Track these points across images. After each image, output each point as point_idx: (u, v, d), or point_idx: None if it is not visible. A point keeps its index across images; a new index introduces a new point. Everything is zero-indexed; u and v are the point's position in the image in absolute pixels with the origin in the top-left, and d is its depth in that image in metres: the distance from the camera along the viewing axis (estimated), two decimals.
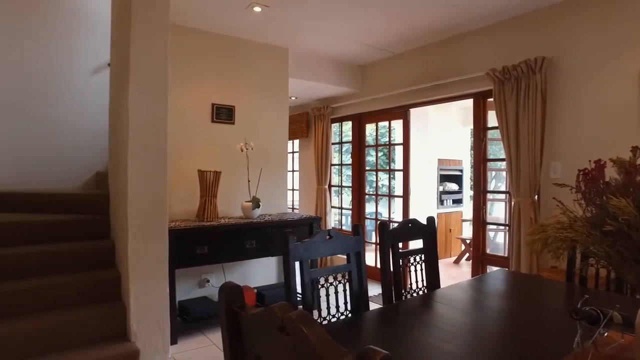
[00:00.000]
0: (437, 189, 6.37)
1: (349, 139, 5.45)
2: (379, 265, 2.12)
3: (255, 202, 3.60)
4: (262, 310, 0.78)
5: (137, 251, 2.53)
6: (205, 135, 3.76)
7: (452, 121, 6.62)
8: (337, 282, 1.89)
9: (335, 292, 1.89)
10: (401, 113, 4.68)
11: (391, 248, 2.09)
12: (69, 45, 4.10)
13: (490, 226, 4.33)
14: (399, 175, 4.90)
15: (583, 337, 1.09)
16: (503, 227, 5.49)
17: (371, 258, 5.10)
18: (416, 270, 2.21)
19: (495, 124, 3.49)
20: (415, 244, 2.33)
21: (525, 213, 3.18)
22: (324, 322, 1.76)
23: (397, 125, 5.02)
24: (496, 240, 6.15)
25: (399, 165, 4.99)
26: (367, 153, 5.36)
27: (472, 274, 3.99)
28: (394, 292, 2.06)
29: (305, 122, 5.84)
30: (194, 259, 3.18)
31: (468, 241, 5.93)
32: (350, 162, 5.44)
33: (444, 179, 6.53)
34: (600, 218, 1.09)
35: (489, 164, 3.87)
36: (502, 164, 5.56)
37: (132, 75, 2.54)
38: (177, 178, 3.55)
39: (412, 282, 2.22)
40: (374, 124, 5.17)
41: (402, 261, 2.17)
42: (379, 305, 3.15)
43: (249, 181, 3.74)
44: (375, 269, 4.78)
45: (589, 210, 1.17)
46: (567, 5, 3.08)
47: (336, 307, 1.86)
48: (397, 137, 5.21)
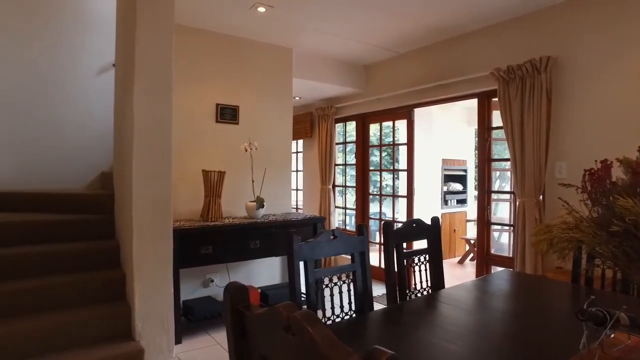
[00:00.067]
0: (441, 189, 6.35)
1: (353, 139, 5.44)
2: (383, 266, 2.12)
3: (260, 202, 3.60)
4: (267, 310, 0.78)
5: (142, 251, 2.55)
6: (210, 135, 3.77)
7: (456, 121, 6.60)
8: (341, 282, 1.89)
9: (340, 292, 1.89)
10: (405, 113, 4.67)
11: (395, 248, 2.09)
12: (75, 45, 4.12)
13: (494, 226, 4.32)
14: (403, 175, 4.89)
15: (589, 339, 1.08)
16: (507, 228, 5.46)
17: (375, 258, 5.09)
18: (420, 270, 2.21)
19: (499, 124, 3.47)
20: (419, 244, 2.33)
21: (530, 213, 3.17)
22: (328, 322, 1.76)
23: (401, 125, 5.01)
24: (501, 240, 6.13)
25: (403, 165, 4.98)
26: (371, 153, 5.36)
27: (476, 275, 3.98)
28: (398, 292, 2.06)
29: (309, 122, 5.84)
30: (198, 259, 3.19)
31: (472, 241, 5.91)
32: (354, 162, 5.44)
33: (448, 179, 6.52)
34: (606, 218, 1.08)
35: (494, 164, 3.86)
36: (507, 164, 5.54)
37: (137, 75, 2.55)
38: (182, 178, 3.55)
39: (416, 282, 2.21)
40: (378, 124, 5.16)
41: (407, 261, 2.16)
42: (383, 305, 3.14)
43: (253, 181, 3.75)
44: (380, 269, 4.77)
45: (595, 210, 1.17)
46: (572, 4, 3.06)
47: (340, 307, 1.86)
48: (401, 137, 5.20)
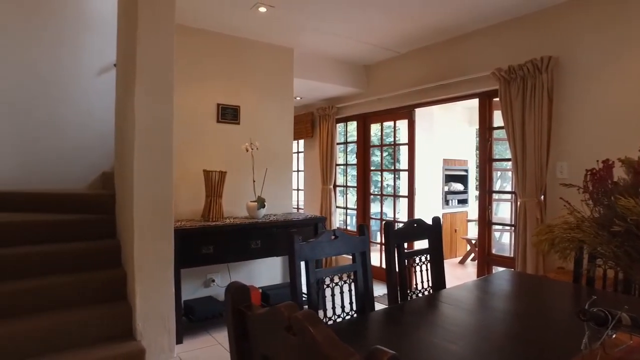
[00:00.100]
0: (442, 189, 6.35)
1: (354, 139, 5.44)
2: (384, 266, 2.12)
3: (261, 202, 3.60)
4: (269, 310, 0.78)
5: (143, 251, 2.55)
6: (211, 135, 3.77)
7: (458, 121, 6.59)
8: (342, 282, 1.89)
9: (341, 292, 1.89)
10: (406, 113, 4.67)
11: (396, 248, 2.09)
12: (76, 45, 4.13)
13: (495, 226, 4.31)
14: (404, 175, 4.89)
15: (591, 339, 1.08)
16: (509, 228, 5.46)
17: (376, 258, 5.09)
18: (421, 270, 2.21)
19: (500, 124, 3.47)
20: (420, 244, 2.33)
21: (531, 213, 3.16)
22: (329, 322, 1.76)
23: (402, 125, 5.01)
24: (502, 240, 6.12)
25: (404, 165, 4.98)
26: (372, 153, 5.35)
27: (477, 275, 3.98)
28: (399, 292, 2.06)
29: (310, 122, 5.84)
30: (200, 259, 3.19)
31: (473, 241, 5.91)
32: (355, 162, 5.43)
33: (449, 179, 6.51)
34: (608, 218, 1.08)
35: (495, 164, 3.86)
36: (508, 164, 5.54)
37: (138, 75, 2.55)
38: (183, 178, 3.56)
39: (417, 282, 2.21)
40: (379, 124, 5.16)
41: (408, 261, 2.16)
42: (384, 305, 3.14)
43: (254, 181, 3.75)
44: (381, 269, 4.77)
45: (596, 210, 1.17)
46: (573, 4, 3.06)
47: (341, 307, 1.86)
48: (402, 137, 5.20)
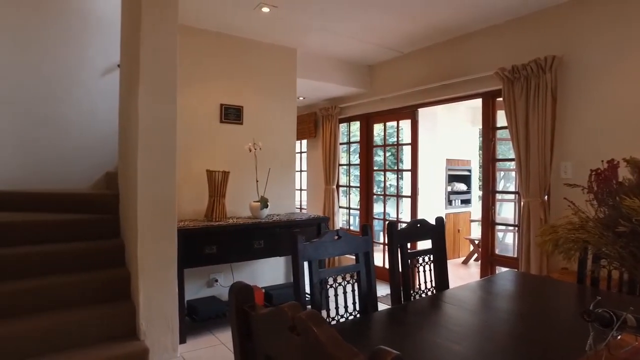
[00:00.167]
0: (446, 189, 6.34)
1: (357, 139, 5.44)
2: (387, 266, 2.11)
3: (264, 202, 3.61)
4: (273, 310, 0.78)
5: (147, 251, 2.56)
6: (214, 135, 3.78)
7: (461, 121, 6.58)
8: (345, 282, 1.89)
9: (344, 293, 1.89)
10: (409, 113, 4.66)
11: (400, 248, 2.09)
12: (80, 46, 4.15)
13: (499, 227, 4.30)
14: (407, 175, 4.88)
15: (596, 340, 1.07)
16: (512, 228, 5.44)
17: (379, 258, 5.08)
18: (425, 270, 2.20)
19: (504, 124, 3.46)
20: (423, 244, 2.32)
21: (535, 213, 3.15)
22: (333, 322, 1.76)
23: (405, 125, 5.00)
24: (505, 240, 6.10)
25: (407, 165, 4.97)
26: (375, 153, 5.35)
27: (480, 275, 3.97)
28: (402, 292, 2.06)
29: (313, 122, 5.84)
30: (203, 259, 3.19)
31: (477, 242, 5.89)
32: (358, 162, 5.43)
33: (452, 179, 6.50)
34: (613, 219, 1.08)
35: (498, 164, 3.84)
36: (511, 164, 5.51)
37: (142, 76, 2.56)
38: (186, 178, 3.56)
39: (420, 282, 2.21)
40: (382, 124, 5.15)
41: (411, 261, 2.16)
42: (387, 305, 3.14)
43: (257, 181, 3.75)
44: (384, 269, 4.77)
45: (601, 210, 1.16)
46: (577, 3, 3.04)
47: (345, 307, 1.86)
48: (405, 137, 5.19)
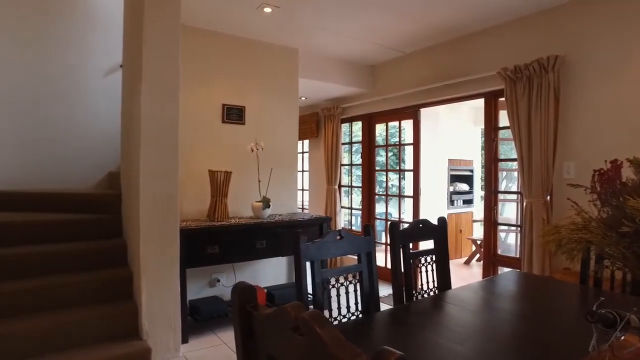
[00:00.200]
0: (448, 189, 6.33)
1: (359, 139, 5.43)
2: (389, 266, 2.11)
3: (266, 202, 3.61)
4: (275, 310, 0.78)
5: (149, 250, 2.56)
6: (216, 135, 3.78)
7: (463, 121, 6.57)
8: (347, 283, 1.89)
9: (346, 293, 1.89)
10: (411, 113, 4.66)
11: (402, 248, 2.09)
12: (83, 46, 4.16)
13: (501, 227, 4.29)
14: (409, 175, 4.88)
15: (599, 341, 1.07)
16: (514, 228, 5.43)
17: (381, 258, 5.08)
18: (427, 270, 2.20)
19: (506, 124, 3.45)
20: (425, 244, 2.32)
21: (537, 214, 3.15)
22: (335, 322, 1.76)
23: (407, 125, 5.00)
24: (507, 241, 6.09)
25: (409, 165, 4.96)
26: (377, 153, 5.35)
27: (483, 275, 3.96)
28: (404, 292, 2.05)
29: (315, 122, 5.84)
30: (205, 259, 3.20)
31: (479, 242, 5.88)
32: (360, 162, 5.43)
33: (454, 179, 6.49)
34: (616, 219, 1.07)
35: (500, 164, 3.84)
36: (514, 164, 5.51)
37: (144, 76, 2.56)
38: (188, 178, 3.57)
39: (422, 282, 2.21)
40: (384, 124, 5.15)
41: (413, 262, 2.16)
42: (389, 305, 3.14)
43: (259, 181, 3.75)
44: (386, 270, 4.76)
45: (604, 211, 1.16)
46: (579, 3, 3.03)
47: (347, 307, 1.86)
48: (407, 137, 5.19)
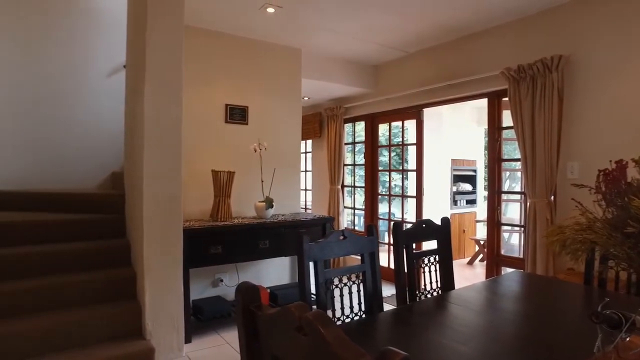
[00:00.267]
0: (451, 189, 6.31)
1: (362, 139, 5.43)
2: (392, 266, 2.11)
3: (269, 202, 3.61)
4: (279, 310, 0.78)
5: (153, 250, 2.57)
6: (219, 135, 3.79)
7: (466, 121, 6.55)
8: (351, 283, 1.89)
9: (349, 293, 1.89)
10: (414, 113, 4.65)
11: (405, 249, 2.08)
12: (87, 46, 4.17)
13: (504, 227, 4.28)
14: (412, 175, 4.87)
15: (604, 342, 1.07)
16: (518, 228, 5.42)
17: (384, 259, 5.08)
18: (430, 271, 2.20)
19: (510, 124, 3.44)
20: (429, 244, 2.31)
21: (541, 214, 3.14)
22: (338, 322, 1.76)
23: (410, 125, 4.99)
24: (511, 241, 6.07)
25: (412, 165, 4.96)
26: (380, 153, 5.34)
27: (486, 276, 3.95)
28: (407, 293, 2.05)
29: (318, 122, 5.84)
30: (208, 259, 3.20)
31: (482, 242, 5.87)
32: (363, 162, 5.43)
33: (457, 179, 6.47)
34: (621, 219, 1.07)
35: (504, 164, 3.83)
36: (517, 164, 5.48)
37: (148, 76, 2.57)
38: (191, 178, 3.57)
39: (426, 283, 2.21)
40: (387, 124, 5.14)
41: (416, 262, 2.16)
42: (392, 306, 3.13)
43: (262, 181, 3.76)
44: (389, 270, 4.76)
45: (609, 211, 1.15)
46: (582, 3, 3.02)
47: (350, 307, 1.86)
48: (410, 137, 5.18)
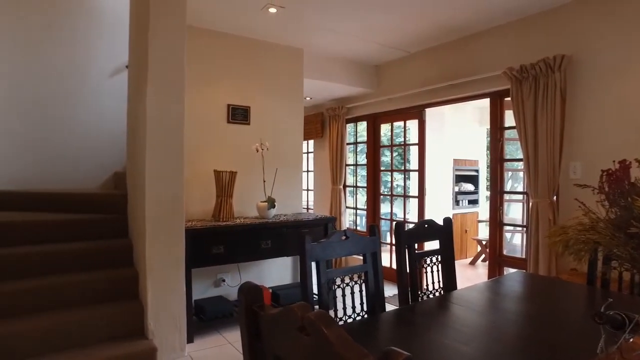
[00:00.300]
0: (453, 189, 6.31)
1: (364, 139, 5.43)
2: (394, 266, 2.11)
3: (271, 202, 3.61)
4: (282, 310, 0.78)
5: (155, 250, 2.57)
6: (221, 135, 3.79)
7: (468, 121, 6.54)
8: (353, 283, 1.89)
9: (352, 293, 1.89)
10: (416, 113, 4.65)
11: (407, 249, 2.08)
12: (89, 46, 4.18)
13: (507, 227, 4.27)
14: (414, 175, 4.87)
15: (607, 343, 1.06)
16: (520, 229, 5.40)
17: (386, 259, 5.08)
18: (432, 271, 2.20)
19: (512, 124, 3.43)
20: (431, 244, 2.31)
21: (543, 214, 3.13)
22: (340, 322, 1.76)
23: (412, 125, 4.99)
24: (513, 241, 6.06)
25: (414, 165, 4.95)
26: (382, 153, 5.34)
27: (488, 276, 3.94)
28: (410, 293, 2.05)
29: (320, 123, 5.84)
30: (210, 259, 3.21)
31: (484, 242, 5.86)
32: (365, 162, 5.42)
33: (459, 179, 6.46)
34: (625, 220, 1.07)
35: (506, 164, 3.82)
36: (519, 164, 5.47)
37: (150, 76, 2.57)
38: (194, 178, 3.58)
39: (428, 283, 2.20)
40: (389, 124, 5.14)
41: (418, 262, 2.15)
42: (395, 306, 3.13)
43: (264, 181, 3.76)
44: (391, 270, 4.76)
45: (612, 211, 1.15)
46: (586, 2, 3.01)
47: (352, 307, 1.86)
48: (412, 137, 5.17)
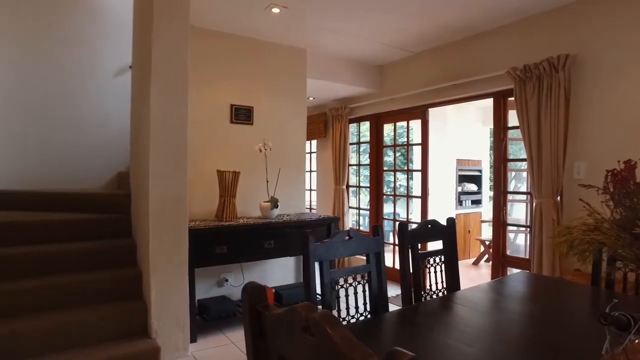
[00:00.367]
0: (456, 189, 6.30)
1: (367, 139, 5.42)
2: (397, 266, 2.11)
3: (274, 202, 3.62)
4: (286, 310, 0.78)
5: (158, 250, 2.58)
6: (225, 135, 3.80)
7: (471, 121, 6.53)
8: (356, 283, 1.89)
9: (355, 293, 1.89)
10: (419, 113, 4.64)
11: (410, 249, 2.08)
12: (93, 47, 4.19)
13: (510, 227, 4.26)
14: (417, 175, 4.86)
15: (612, 344, 1.06)
16: (524, 229, 5.39)
17: (389, 259, 5.07)
18: (436, 271, 2.19)
19: (515, 124, 3.42)
20: (434, 245, 2.31)
21: (547, 214, 3.12)
22: (343, 322, 1.76)
23: (415, 125, 4.98)
24: (516, 241, 6.04)
25: (417, 165, 4.95)
26: (385, 153, 5.33)
27: (491, 276, 3.93)
28: (413, 293, 2.05)
29: (323, 123, 5.84)
30: (213, 259, 3.21)
31: (487, 242, 5.84)
32: (368, 162, 5.42)
33: (462, 179, 6.45)
34: (630, 220, 1.06)
35: (510, 164, 3.81)
36: (523, 164, 5.46)
37: (153, 76, 2.58)
38: (197, 178, 3.59)
39: (431, 283, 2.20)
40: (392, 124, 5.13)
41: (422, 262, 2.15)
42: (398, 306, 3.13)
43: (267, 181, 3.76)
44: (394, 270, 4.75)
45: (617, 212, 1.15)
46: (591, 2, 3.00)
47: (355, 307, 1.86)
48: (415, 137, 5.17)
